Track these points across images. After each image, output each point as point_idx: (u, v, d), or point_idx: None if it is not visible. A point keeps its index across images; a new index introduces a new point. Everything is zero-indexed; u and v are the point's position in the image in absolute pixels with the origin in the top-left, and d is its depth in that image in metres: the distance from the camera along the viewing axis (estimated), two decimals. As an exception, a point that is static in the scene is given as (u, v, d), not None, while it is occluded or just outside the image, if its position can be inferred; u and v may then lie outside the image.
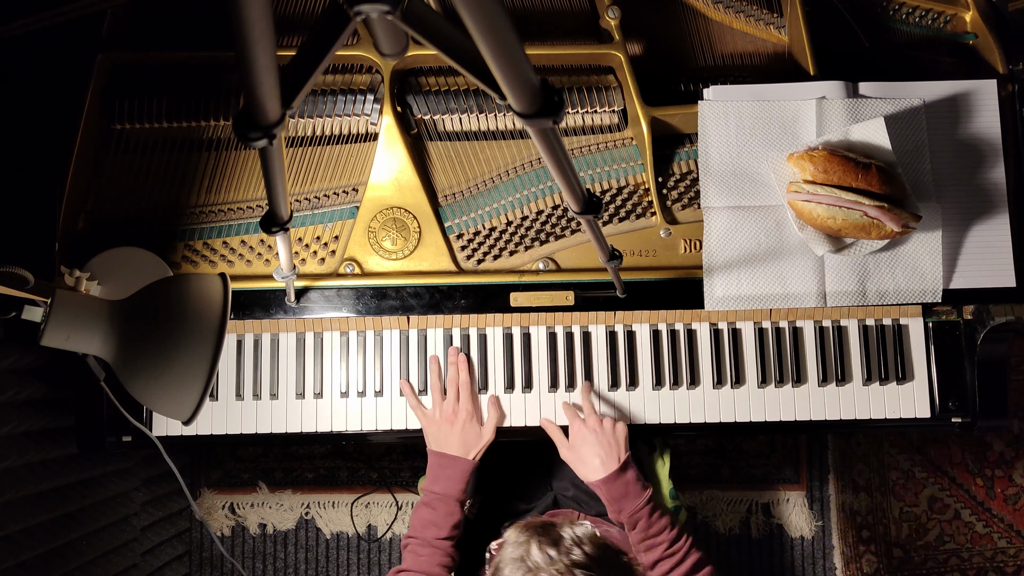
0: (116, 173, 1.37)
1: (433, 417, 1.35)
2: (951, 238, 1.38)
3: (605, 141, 1.41)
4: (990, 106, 1.39)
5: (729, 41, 1.47)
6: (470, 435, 1.33)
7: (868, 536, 2.23)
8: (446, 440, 1.33)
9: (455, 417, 1.33)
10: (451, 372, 1.36)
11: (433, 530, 1.28)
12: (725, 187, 1.36)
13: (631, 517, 1.27)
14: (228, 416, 1.39)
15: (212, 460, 2.20)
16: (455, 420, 1.33)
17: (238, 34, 0.54)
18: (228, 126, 1.37)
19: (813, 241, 1.33)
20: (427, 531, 1.29)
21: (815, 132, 1.36)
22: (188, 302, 1.03)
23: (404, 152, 1.37)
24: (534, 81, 0.65)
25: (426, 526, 1.29)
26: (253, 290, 1.35)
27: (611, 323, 1.41)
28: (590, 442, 1.30)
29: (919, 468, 2.26)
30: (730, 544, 2.22)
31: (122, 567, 1.71)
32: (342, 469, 2.21)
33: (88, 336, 1.01)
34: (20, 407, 1.37)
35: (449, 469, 1.31)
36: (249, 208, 1.38)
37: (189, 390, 1.00)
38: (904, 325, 1.42)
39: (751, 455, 2.24)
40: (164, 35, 1.40)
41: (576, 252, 1.38)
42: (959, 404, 1.40)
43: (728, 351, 1.41)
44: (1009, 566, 2.24)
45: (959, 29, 1.49)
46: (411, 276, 1.36)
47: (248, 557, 2.19)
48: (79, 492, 1.57)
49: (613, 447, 1.29)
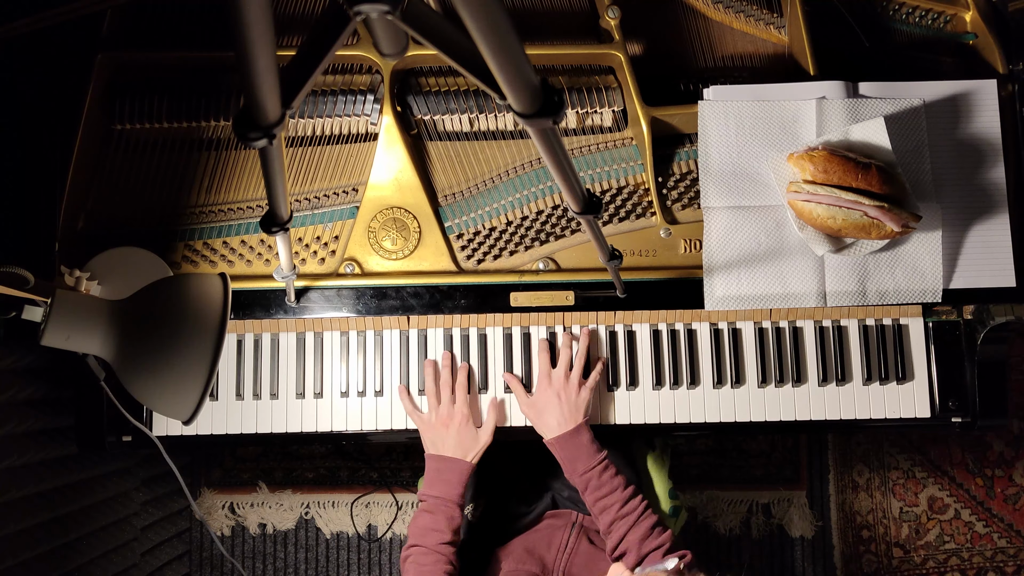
0: (116, 173, 1.37)
1: (429, 421, 1.35)
2: (951, 238, 1.38)
3: (605, 141, 1.41)
4: (990, 106, 1.39)
5: (729, 41, 1.47)
6: (467, 437, 1.33)
7: (868, 536, 2.23)
8: (443, 443, 1.33)
9: (451, 420, 1.33)
10: (444, 376, 1.36)
11: (434, 536, 1.27)
12: (725, 187, 1.36)
13: (582, 477, 1.27)
14: (228, 416, 1.39)
15: (212, 460, 2.20)
16: (451, 423, 1.33)
17: (238, 34, 0.54)
18: (228, 126, 1.37)
19: (813, 241, 1.33)
20: (428, 537, 1.27)
21: (815, 132, 1.36)
22: (188, 302, 1.03)
23: (404, 152, 1.37)
24: (534, 81, 0.65)
25: (426, 532, 1.28)
26: (253, 290, 1.35)
27: (611, 323, 1.41)
28: (552, 404, 1.31)
29: (919, 468, 2.26)
30: (730, 544, 2.22)
31: (122, 567, 1.71)
32: (342, 469, 2.21)
33: (88, 336, 1.01)
34: (20, 407, 1.37)
35: (446, 472, 1.31)
36: (249, 208, 1.38)
37: (189, 390, 1.00)
38: (904, 325, 1.42)
39: (751, 455, 2.24)
40: (164, 35, 1.40)
41: (576, 252, 1.38)
42: (959, 404, 1.40)
43: (728, 351, 1.41)
44: (1009, 566, 2.24)
45: (959, 29, 1.49)
46: (411, 276, 1.36)
47: (248, 557, 2.19)
48: (79, 492, 1.57)
49: (571, 411, 1.31)
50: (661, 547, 1.21)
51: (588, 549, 1.31)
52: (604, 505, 1.25)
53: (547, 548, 1.34)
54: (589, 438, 1.30)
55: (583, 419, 1.31)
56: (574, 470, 1.28)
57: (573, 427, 1.30)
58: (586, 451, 1.28)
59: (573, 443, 1.29)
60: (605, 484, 1.26)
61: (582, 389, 1.32)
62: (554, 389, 1.32)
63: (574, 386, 1.32)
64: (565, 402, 1.31)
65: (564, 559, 1.31)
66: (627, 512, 1.24)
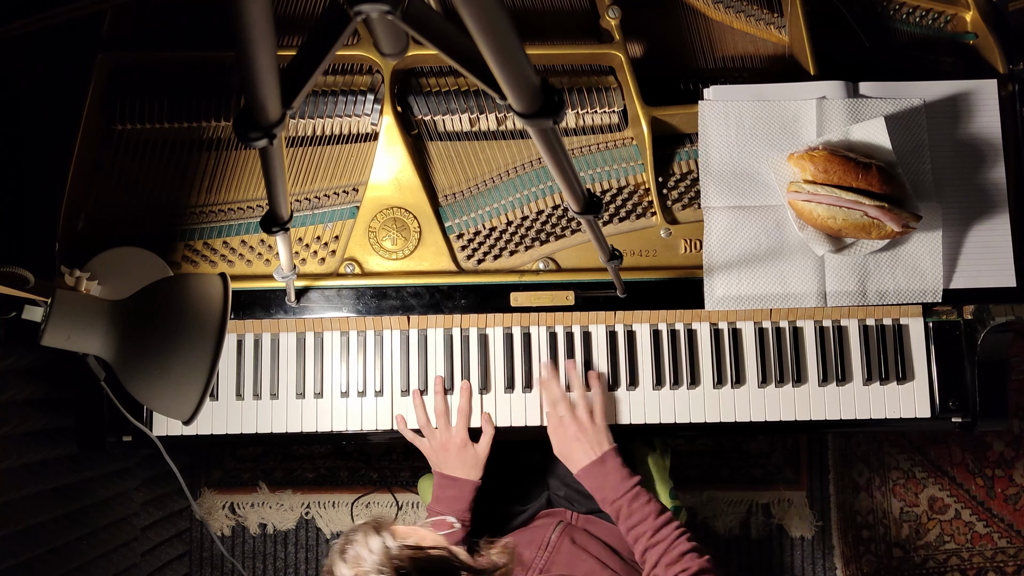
0: (116, 173, 1.37)
1: (428, 447, 1.37)
2: (951, 238, 1.38)
3: (605, 141, 1.41)
4: (990, 106, 1.39)
5: (729, 41, 1.47)
6: (467, 458, 1.35)
7: (868, 536, 2.23)
8: (445, 465, 1.35)
9: (450, 444, 1.35)
10: (437, 403, 1.37)
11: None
12: (725, 187, 1.36)
13: (612, 506, 1.26)
14: (228, 416, 1.39)
15: (212, 460, 2.20)
16: (449, 447, 1.35)
17: (238, 34, 0.54)
18: (228, 126, 1.37)
19: (813, 241, 1.33)
20: None
21: (815, 132, 1.36)
22: (188, 302, 1.03)
23: (404, 152, 1.37)
24: (534, 81, 0.65)
25: None
26: (253, 290, 1.35)
27: (611, 323, 1.41)
28: (573, 445, 1.31)
29: (919, 468, 2.26)
30: (730, 544, 2.22)
31: (122, 567, 1.71)
32: (342, 469, 2.21)
33: (88, 336, 1.01)
34: (20, 407, 1.37)
35: (451, 489, 1.33)
36: (249, 208, 1.38)
37: (189, 390, 1.00)
38: (904, 325, 1.42)
39: (751, 455, 2.24)
40: (164, 35, 1.40)
41: (576, 252, 1.38)
42: (959, 404, 1.40)
43: (728, 351, 1.41)
44: (1009, 566, 2.24)
45: (959, 29, 1.49)
46: (411, 276, 1.36)
47: (248, 557, 2.19)
48: (79, 492, 1.57)
49: (593, 442, 1.30)
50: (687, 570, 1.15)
51: (570, 549, 1.30)
52: (637, 534, 1.23)
53: (528, 546, 1.33)
54: (616, 464, 1.28)
55: (608, 446, 1.30)
56: (604, 499, 1.27)
57: (597, 457, 1.29)
58: (613, 479, 1.27)
59: (598, 472, 1.28)
60: (636, 512, 1.23)
61: (595, 416, 1.32)
62: (571, 435, 1.32)
63: (584, 420, 1.32)
64: (586, 440, 1.30)
65: (544, 557, 1.31)
66: (659, 540, 1.20)
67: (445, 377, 1.39)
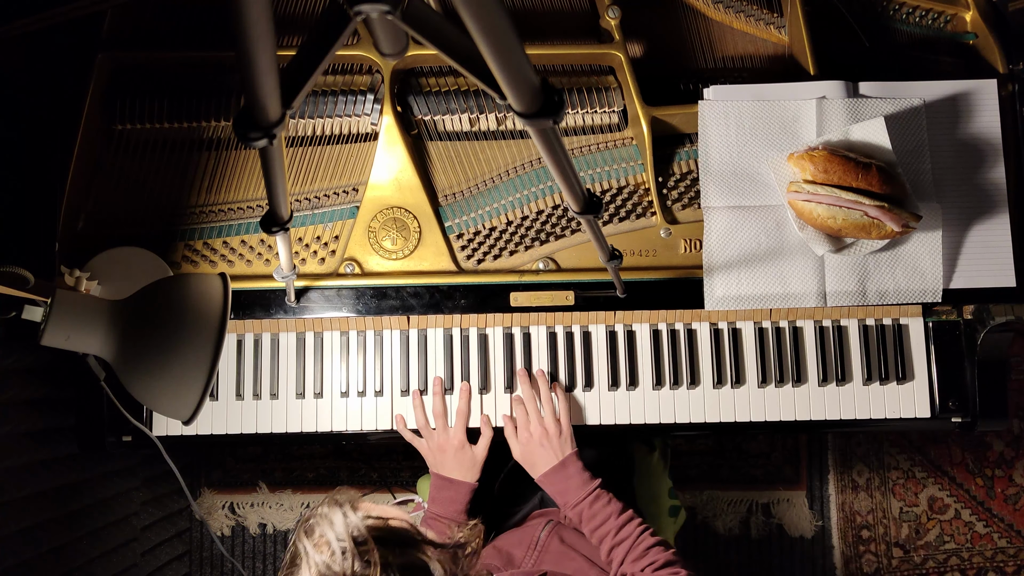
0: (116, 173, 1.37)
1: (426, 448, 1.37)
2: (951, 238, 1.38)
3: (605, 141, 1.41)
4: (990, 106, 1.39)
5: (729, 41, 1.47)
6: (465, 460, 1.35)
7: (868, 536, 2.23)
8: (443, 466, 1.36)
9: (447, 446, 1.35)
10: (436, 404, 1.37)
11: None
12: (725, 187, 1.36)
13: (575, 510, 1.26)
14: (228, 416, 1.39)
15: (212, 460, 2.20)
16: (447, 448, 1.35)
17: (238, 34, 0.54)
18: (228, 126, 1.37)
19: (813, 241, 1.33)
20: None
21: (815, 132, 1.36)
22: (188, 302, 1.03)
23: (404, 152, 1.37)
24: (534, 81, 0.65)
25: None
26: (253, 290, 1.35)
27: (611, 323, 1.41)
28: (537, 451, 1.32)
29: (919, 468, 2.26)
30: (730, 544, 2.22)
31: (122, 567, 1.71)
32: (342, 469, 2.21)
33: (88, 336, 1.01)
34: (20, 407, 1.37)
35: (447, 491, 1.34)
36: (249, 208, 1.38)
37: (189, 390, 1.00)
38: (904, 325, 1.42)
39: (751, 455, 2.24)
40: (164, 35, 1.40)
41: (576, 252, 1.38)
42: (959, 404, 1.40)
43: (728, 351, 1.41)
44: (1009, 566, 2.24)
45: (959, 29, 1.49)
46: (411, 276, 1.36)
47: (248, 557, 2.19)
48: (79, 492, 1.57)
49: (556, 448, 1.31)
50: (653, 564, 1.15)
51: (558, 548, 1.30)
52: (600, 535, 1.24)
53: (517, 545, 1.33)
54: (577, 468, 1.29)
55: (570, 451, 1.31)
56: (566, 503, 1.28)
57: (558, 462, 1.30)
58: (575, 483, 1.27)
59: (559, 477, 1.28)
60: (598, 514, 1.24)
61: (559, 425, 1.33)
62: (535, 440, 1.33)
63: (550, 426, 1.32)
64: (548, 447, 1.32)
65: (533, 556, 1.31)
66: (623, 538, 1.21)
67: (445, 377, 1.39)
